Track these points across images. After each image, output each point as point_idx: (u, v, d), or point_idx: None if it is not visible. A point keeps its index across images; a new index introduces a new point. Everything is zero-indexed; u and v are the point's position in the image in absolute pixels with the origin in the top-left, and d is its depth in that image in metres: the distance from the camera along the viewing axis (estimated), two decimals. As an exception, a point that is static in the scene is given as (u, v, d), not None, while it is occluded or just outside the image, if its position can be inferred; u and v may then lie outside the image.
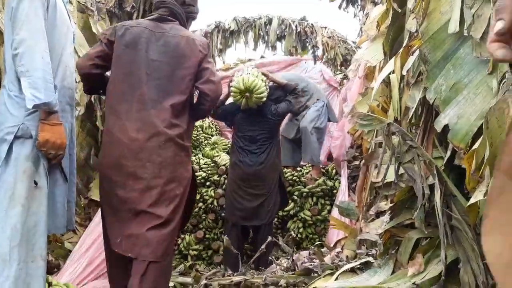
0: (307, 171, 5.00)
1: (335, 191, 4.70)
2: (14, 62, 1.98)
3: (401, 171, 1.79)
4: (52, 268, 3.20)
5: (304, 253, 4.23)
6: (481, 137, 1.35)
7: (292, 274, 2.64)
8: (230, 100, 4.29)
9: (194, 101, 2.45)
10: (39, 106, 1.92)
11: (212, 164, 5.03)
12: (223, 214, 4.59)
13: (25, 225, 1.94)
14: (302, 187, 4.86)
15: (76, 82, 3.47)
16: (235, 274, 3.05)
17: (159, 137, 2.21)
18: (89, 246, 3.53)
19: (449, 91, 1.54)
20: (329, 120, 4.96)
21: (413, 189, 1.78)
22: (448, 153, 1.78)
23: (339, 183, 4.55)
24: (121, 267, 2.31)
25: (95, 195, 3.81)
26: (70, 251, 3.44)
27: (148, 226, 2.17)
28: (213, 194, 4.78)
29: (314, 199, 4.83)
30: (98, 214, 3.75)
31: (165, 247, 2.20)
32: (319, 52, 5.47)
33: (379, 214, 2.26)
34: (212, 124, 6.39)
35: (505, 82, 1.37)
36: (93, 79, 2.41)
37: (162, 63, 2.28)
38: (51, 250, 3.23)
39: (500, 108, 1.35)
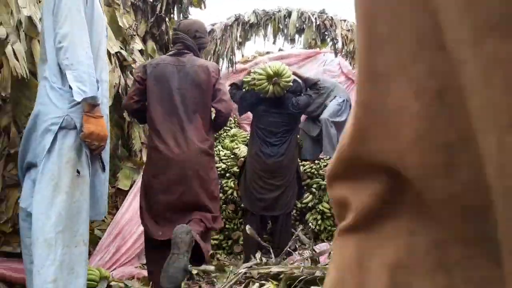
0: (325, 163, 5.07)
1: (354, 183, 4.76)
2: (58, 55, 2.07)
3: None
4: (83, 254, 3.32)
5: (323, 245, 4.31)
6: None
7: (325, 265, 2.69)
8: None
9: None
10: (86, 99, 2.01)
11: (231, 156, 5.12)
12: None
13: (69, 212, 2.05)
14: (320, 179, 4.92)
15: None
16: (272, 263, 3.10)
17: (196, 151, 2.84)
18: (117, 234, 3.67)
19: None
20: None
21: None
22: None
23: (359, 175, 4.60)
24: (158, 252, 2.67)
25: (122, 184, 3.93)
26: (99, 238, 3.57)
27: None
28: (232, 185, 4.87)
29: (333, 191, 4.90)
30: (125, 203, 3.89)
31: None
32: (339, 45, 5.48)
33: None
34: (232, 116, 6.48)
35: None
36: (136, 110, 3.03)
37: (187, 90, 2.87)
38: (81, 237, 3.36)
39: None
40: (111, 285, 2.94)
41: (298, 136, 4.63)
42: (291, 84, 4.02)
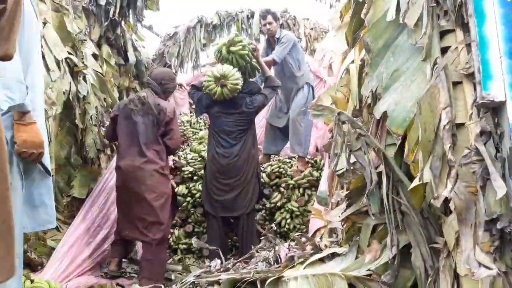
0: (294, 162, 5.03)
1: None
2: None
3: (353, 159, 1.81)
4: (35, 266, 3.25)
5: (287, 244, 4.27)
6: (414, 123, 1.36)
7: (278, 267, 2.65)
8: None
9: None
10: (14, 107, 1.94)
11: (199, 159, 5.06)
12: None
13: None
14: (289, 178, 4.88)
15: (52, 81, 3.51)
16: (222, 270, 3.06)
17: (151, 170, 3.66)
18: (72, 244, 3.59)
19: (389, 79, 1.55)
20: None
21: (368, 176, 1.80)
22: (400, 140, 1.79)
23: (327, 173, 4.58)
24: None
25: (77, 193, 3.86)
26: (53, 249, 3.49)
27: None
28: (200, 188, 4.81)
29: (301, 190, 4.86)
30: (81, 212, 3.82)
31: None
32: (303, 44, 5.45)
33: (340, 202, 2.29)
34: (200, 119, 6.43)
35: (436, 67, 1.38)
36: (114, 139, 3.93)
37: (147, 125, 3.71)
38: (33, 248, 3.28)
39: (432, 93, 1.37)
40: (61, 297, 2.87)
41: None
42: (238, 86, 4.01)
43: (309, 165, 5.00)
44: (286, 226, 4.80)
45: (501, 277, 1.26)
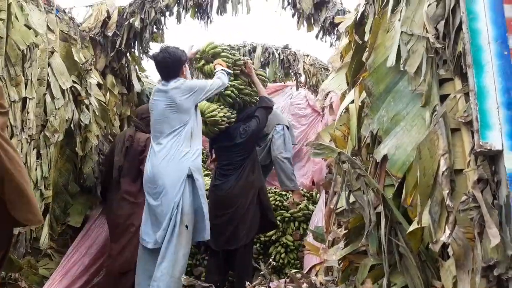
0: (290, 195, 5.04)
1: (318, 216, 4.72)
2: None
3: (352, 199, 1.83)
4: (25, 295, 3.18)
5: (282, 281, 4.21)
6: (412, 167, 1.40)
7: (275, 302, 2.61)
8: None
9: None
10: None
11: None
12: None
13: None
14: (284, 211, 4.87)
15: (56, 108, 3.56)
16: None
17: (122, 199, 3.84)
18: (65, 273, 3.53)
19: (389, 123, 1.60)
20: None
21: (366, 216, 1.82)
22: (399, 181, 1.82)
23: (322, 208, 4.57)
24: None
25: (73, 221, 3.83)
26: (45, 278, 3.42)
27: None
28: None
29: (296, 223, 4.84)
30: (76, 241, 3.77)
31: None
32: (302, 79, 5.57)
33: (337, 240, 2.29)
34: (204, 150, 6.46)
35: (435, 114, 1.43)
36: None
37: (129, 159, 3.93)
38: (24, 277, 3.22)
39: (431, 139, 1.41)
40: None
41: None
42: (217, 118, 3.91)
43: (305, 198, 5.02)
44: (281, 260, 4.76)
45: (499, 324, 1.27)
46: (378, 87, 1.68)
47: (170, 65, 3.50)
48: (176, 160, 3.32)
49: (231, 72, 3.95)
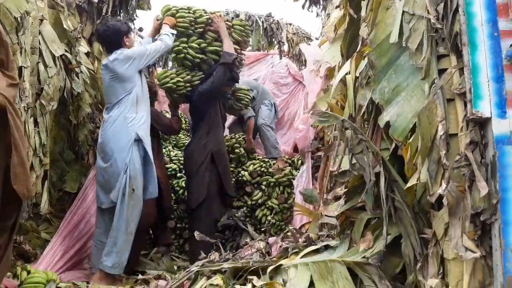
0: (274, 162, 5.28)
1: (301, 180, 4.99)
2: None
3: (354, 161, 2.06)
4: (29, 258, 3.31)
5: (273, 239, 4.50)
6: (415, 133, 1.63)
7: (272, 258, 2.86)
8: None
9: None
10: None
11: (182, 156, 5.20)
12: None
13: None
14: (269, 177, 5.11)
15: (49, 77, 3.57)
16: (222, 260, 3.18)
17: None
18: (65, 236, 3.66)
19: (391, 93, 1.82)
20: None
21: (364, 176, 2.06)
22: (393, 145, 2.07)
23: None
24: None
25: (69, 187, 3.92)
26: (47, 241, 3.55)
27: None
28: (183, 185, 4.95)
29: (281, 188, 5.11)
30: (73, 206, 3.88)
31: None
32: (285, 48, 5.70)
33: (336, 199, 2.54)
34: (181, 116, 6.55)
35: (434, 86, 1.65)
36: None
37: None
38: (28, 240, 3.34)
39: (430, 108, 1.64)
40: (59, 287, 2.96)
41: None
42: (169, 85, 4.04)
43: (287, 164, 5.28)
44: (266, 222, 5.04)
45: (481, 259, 1.55)
46: (380, 61, 1.88)
47: (111, 36, 3.66)
48: (124, 125, 3.50)
49: (175, 32, 3.98)
